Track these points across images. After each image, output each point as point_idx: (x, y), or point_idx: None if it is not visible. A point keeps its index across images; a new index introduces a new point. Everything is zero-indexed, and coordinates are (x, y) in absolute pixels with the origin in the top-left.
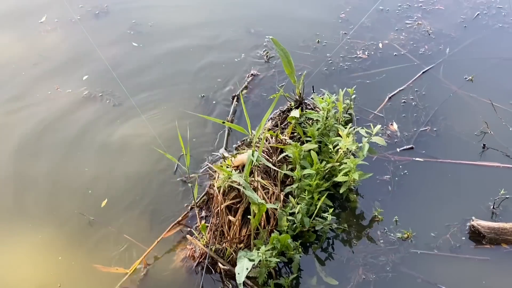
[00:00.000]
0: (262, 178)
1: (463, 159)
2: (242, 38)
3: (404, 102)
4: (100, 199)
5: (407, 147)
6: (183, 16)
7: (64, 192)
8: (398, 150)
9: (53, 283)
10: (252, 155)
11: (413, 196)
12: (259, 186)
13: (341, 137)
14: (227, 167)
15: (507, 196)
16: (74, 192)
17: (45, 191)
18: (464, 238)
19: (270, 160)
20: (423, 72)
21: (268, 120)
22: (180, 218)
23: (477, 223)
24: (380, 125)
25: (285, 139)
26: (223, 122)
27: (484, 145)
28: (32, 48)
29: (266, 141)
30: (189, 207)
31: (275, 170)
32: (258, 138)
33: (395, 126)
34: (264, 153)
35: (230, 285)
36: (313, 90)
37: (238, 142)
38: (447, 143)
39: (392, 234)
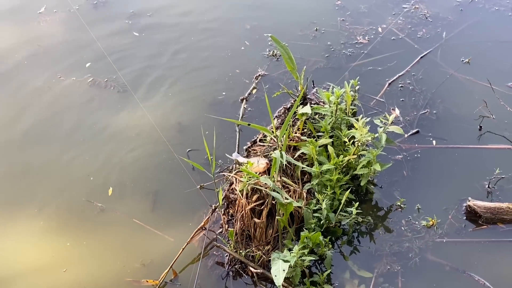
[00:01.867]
0: (280, 177)
1: (464, 141)
2: (241, 33)
3: (402, 86)
4: (103, 186)
5: (413, 131)
6: (179, 8)
7: (67, 180)
8: (405, 135)
9: (59, 268)
10: (281, 157)
11: (427, 180)
12: (280, 186)
13: (355, 129)
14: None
15: (503, 176)
16: (77, 179)
17: (48, 179)
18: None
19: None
20: (422, 57)
21: (274, 118)
22: (202, 223)
23: (473, 204)
24: (395, 114)
25: (298, 136)
26: (249, 125)
27: (480, 126)
28: (31, 38)
29: (277, 139)
30: (210, 211)
31: (291, 168)
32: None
33: (397, 111)
34: None
35: (264, 287)
36: (313, 84)
37: (248, 143)
38: (448, 125)
39: (416, 222)
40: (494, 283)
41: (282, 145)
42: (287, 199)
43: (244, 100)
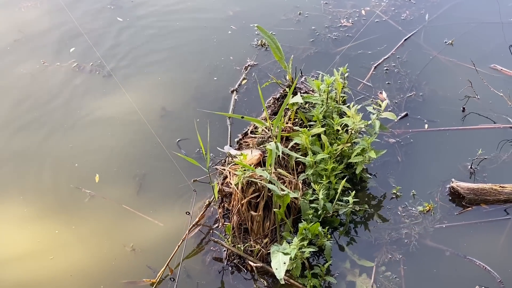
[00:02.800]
0: (275, 168)
1: (451, 122)
2: (226, 20)
3: (387, 69)
4: (89, 173)
5: (402, 114)
6: None
7: (52, 167)
8: (396, 120)
9: (46, 255)
10: (277, 148)
11: (421, 164)
12: (276, 177)
13: (347, 117)
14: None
15: (486, 157)
16: (62, 166)
17: (32, 166)
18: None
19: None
20: (405, 39)
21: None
22: (197, 219)
23: (456, 185)
24: (386, 100)
25: (290, 127)
26: (242, 117)
27: (463, 108)
28: (13, 24)
29: (269, 130)
30: (204, 206)
31: (285, 159)
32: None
33: (384, 95)
34: None
35: (265, 281)
36: (301, 73)
37: (239, 135)
38: (435, 107)
39: (413, 208)
40: (492, 265)
41: (276, 136)
42: (283, 190)
43: (235, 92)
